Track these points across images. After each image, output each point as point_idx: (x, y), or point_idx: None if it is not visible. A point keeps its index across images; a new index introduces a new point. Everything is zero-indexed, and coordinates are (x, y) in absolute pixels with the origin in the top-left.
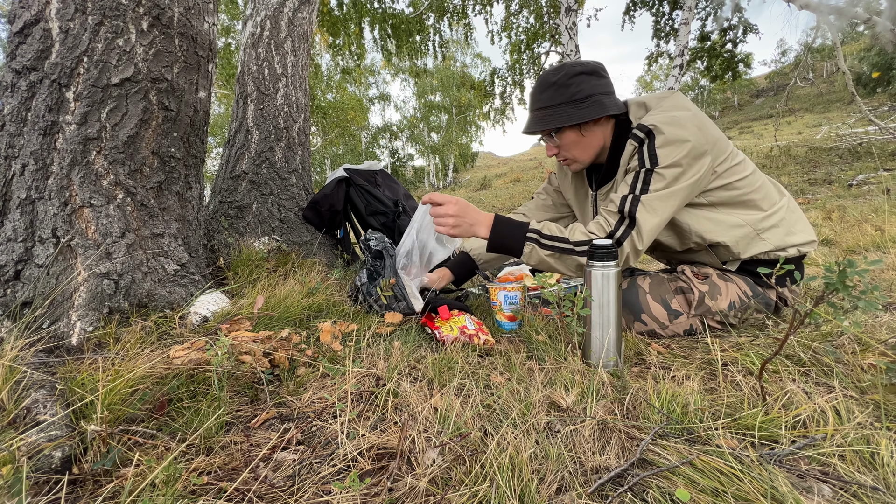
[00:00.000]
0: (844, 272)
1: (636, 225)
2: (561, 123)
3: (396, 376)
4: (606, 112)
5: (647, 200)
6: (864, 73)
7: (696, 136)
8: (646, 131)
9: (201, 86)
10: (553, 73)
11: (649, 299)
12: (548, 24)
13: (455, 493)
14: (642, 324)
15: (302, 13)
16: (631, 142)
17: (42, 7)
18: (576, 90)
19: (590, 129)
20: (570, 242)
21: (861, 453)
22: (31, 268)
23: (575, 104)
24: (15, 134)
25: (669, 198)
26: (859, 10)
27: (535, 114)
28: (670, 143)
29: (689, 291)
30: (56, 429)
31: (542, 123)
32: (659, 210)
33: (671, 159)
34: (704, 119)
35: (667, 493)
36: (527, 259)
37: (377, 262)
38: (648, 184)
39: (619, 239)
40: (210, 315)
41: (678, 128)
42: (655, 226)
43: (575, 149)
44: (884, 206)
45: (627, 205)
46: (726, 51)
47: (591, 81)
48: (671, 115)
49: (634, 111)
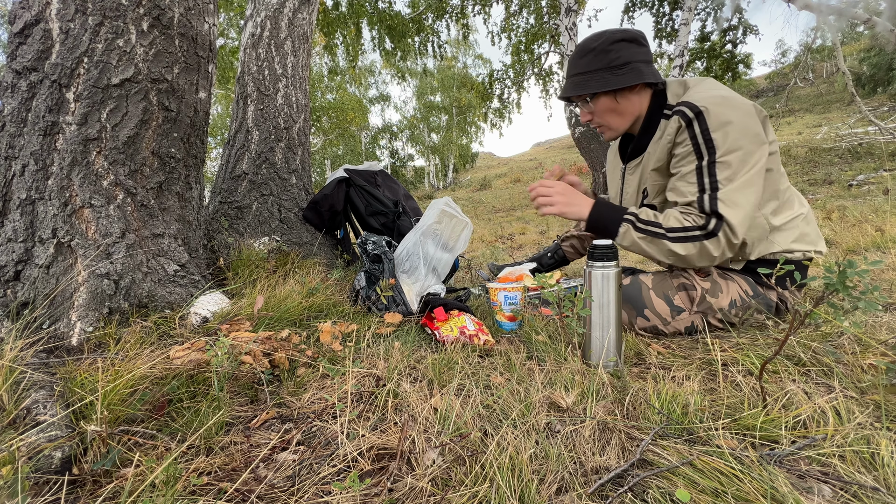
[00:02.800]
0: (844, 273)
1: (724, 220)
2: (597, 89)
3: (396, 377)
4: (643, 79)
5: (724, 196)
6: (863, 73)
7: (750, 116)
8: (696, 111)
9: (201, 86)
10: (593, 39)
11: (652, 295)
12: (547, 24)
13: (455, 493)
14: (645, 319)
15: (302, 14)
16: (676, 118)
17: (42, 7)
18: (615, 56)
19: (625, 96)
20: (663, 228)
21: (861, 454)
22: (31, 268)
23: (612, 70)
24: (15, 134)
25: (747, 188)
26: (859, 10)
27: (571, 79)
28: (722, 125)
29: (691, 288)
30: (56, 429)
31: (578, 88)
32: (742, 202)
33: (728, 143)
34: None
35: (667, 493)
36: (620, 240)
37: (375, 266)
38: (715, 176)
39: (713, 231)
40: (210, 315)
41: (730, 108)
42: (744, 217)
43: (609, 116)
44: (884, 206)
45: (707, 204)
46: (726, 51)
47: (631, 49)
48: (721, 95)
49: (675, 88)
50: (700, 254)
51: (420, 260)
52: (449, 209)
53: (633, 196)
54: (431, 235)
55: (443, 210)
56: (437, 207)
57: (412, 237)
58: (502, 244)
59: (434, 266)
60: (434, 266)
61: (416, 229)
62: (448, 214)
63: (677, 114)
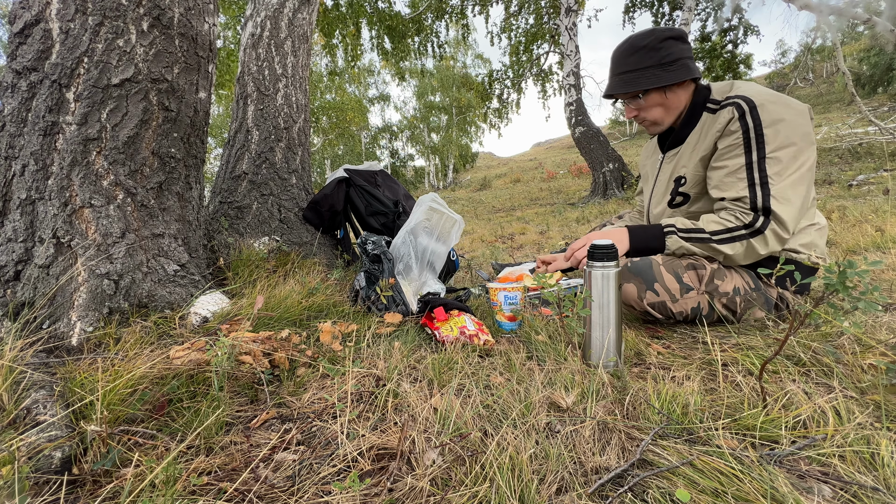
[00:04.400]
0: (844, 273)
1: (774, 215)
2: (649, 85)
3: (396, 377)
4: (693, 75)
5: (776, 192)
6: (863, 73)
7: (802, 115)
8: (751, 105)
9: (201, 86)
10: (642, 37)
11: (663, 270)
12: (547, 24)
13: (455, 493)
14: (654, 294)
15: (302, 14)
16: (730, 109)
17: (42, 7)
18: (665, 53)
19: (674, 91)
20: (706, 232)
21: (861, 454)
22: (31, 268)
23: (664, 67)
24: (15, 134)
25: (798, 184)
26: (859, 10)
27: (620, 76)
28: (775, 121)
29: (700, 267)
30: (56, 429)
31: (630, 85)
32: (793, 198)
33: (779, 139)
34: None
35: (667, 493)
36: (671, 248)
37: (375, 266)
38: (765, 171)
39: (760, 228)
40: (210, 315)
41: (784, 106)
42: (796, 213)
43: (658, 111)
44: (884, 206)
45: (759, 198)
46: (727, 51)
47: (679, 45)
48: (774, 94)
49: (720, 86)
50: (746, 252)
51: (413, 259)
52: (436, 205)
53: (666, 183)
54: (422, 233)
55: (430, 207)
56: (425, 205)
57: (401, 237)
58: (502, 244)
59: (430, 261)
60: (430, 261)
61: (404, 229)
62: (437, 211)
63: (731, 105)
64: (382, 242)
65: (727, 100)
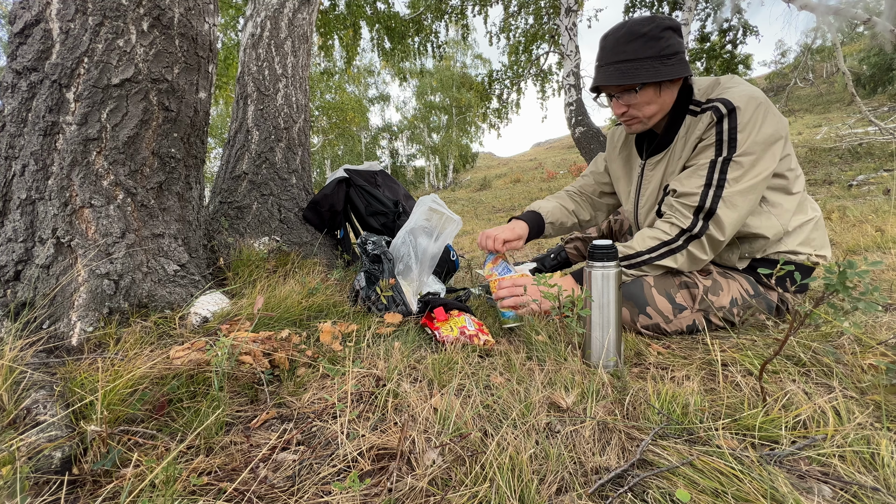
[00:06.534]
0: (844, 273)
1: (716, 218)
2: (648, 79)
3: (396, 377)
4: (688, 72)
5: (728, 196)
6: (863, 73)
7: (776, 119)
8: (729, 108)
9: (202, 86)
10: (642, 23)
11: (654, 293)
12: (547, 24)
13: (455, 493)
14: (647, 317)
15: (302, 14)
16: (709, 114)
17: (43, 8)
18: (665, 45)
19: (667, 88)
20: (644, 254)
21: (861, 454)
22: (31, 268)
23: (663, 60)
24: (15, 134)
25: (749, 192)
26: (859, 10)
27: (616, 66)
28: (749, 126)
29: (693, 286)
30: (56, 429)
31: (627, 77)
32: (739, 205)
33: (746, 145)
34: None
35: (667, 493)
36: (625, 282)
37: (375, 266)
38: (725, 173)
39: (698, 233)
40: (210, 315)
41: (760, 111)
42: (736, 219)
43: (648, 108)
44: (884, 206)
45: (709, 199)
46: (726, 52)
47: (677, 38)
48: (752, 94)
49: (703, 84)
50: (689, 260)
51: (413, 259)
52: (436, 206)
53: (655, 192)
54: (421, 234)
55: (430, 208)
56: (425, 205)
57: (401, 237)
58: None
59: (430, 262)
60: (430, 262)
61: (404, 229)
62: (437, 212)
63: (710, 109)
64: (382, 242)
65: (708, 102)
